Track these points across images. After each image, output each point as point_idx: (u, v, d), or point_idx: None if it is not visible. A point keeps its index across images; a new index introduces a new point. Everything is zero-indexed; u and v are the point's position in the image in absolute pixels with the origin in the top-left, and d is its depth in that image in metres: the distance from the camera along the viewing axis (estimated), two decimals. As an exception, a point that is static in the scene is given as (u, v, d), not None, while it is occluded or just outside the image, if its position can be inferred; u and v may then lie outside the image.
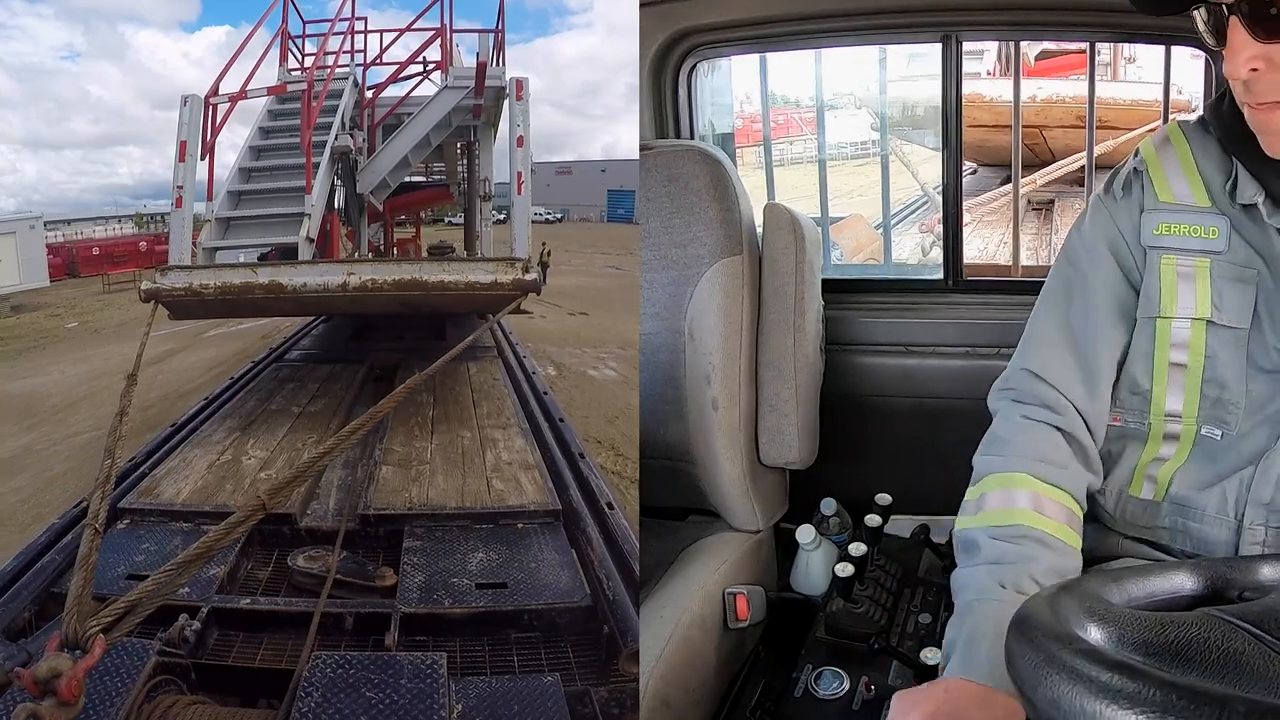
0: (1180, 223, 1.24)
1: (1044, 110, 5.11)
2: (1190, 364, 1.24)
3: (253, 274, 3.33)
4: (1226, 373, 1.22)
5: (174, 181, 3.66)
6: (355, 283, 3.30)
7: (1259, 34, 1.01)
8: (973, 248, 4.11)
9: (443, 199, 8.20)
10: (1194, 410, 1.25)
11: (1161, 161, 1.27)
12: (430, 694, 1.41)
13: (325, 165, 4.09)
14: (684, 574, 1.73)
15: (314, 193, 3.84)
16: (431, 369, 2.23)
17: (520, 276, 3.37)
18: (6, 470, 5.70)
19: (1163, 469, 1.29)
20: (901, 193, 3.05)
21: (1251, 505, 1.21)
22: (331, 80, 4.60)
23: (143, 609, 1.23)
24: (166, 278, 3.29)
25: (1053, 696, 0.64)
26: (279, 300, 3.40)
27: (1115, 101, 4.77)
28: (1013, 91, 2.18)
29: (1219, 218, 1.22)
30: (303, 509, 2.39)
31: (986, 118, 4.12)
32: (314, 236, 3.81)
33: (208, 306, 3.39)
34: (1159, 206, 1.26)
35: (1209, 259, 1.22)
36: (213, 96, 3.77)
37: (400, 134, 4.93)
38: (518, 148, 4.09)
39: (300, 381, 4.13)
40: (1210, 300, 1.22)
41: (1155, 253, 1.25)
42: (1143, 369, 1.27)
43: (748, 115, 2.43)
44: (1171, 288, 1.24)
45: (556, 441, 3.03)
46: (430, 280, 3.36)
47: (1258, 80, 1.04)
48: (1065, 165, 5.00)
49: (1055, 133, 5.22)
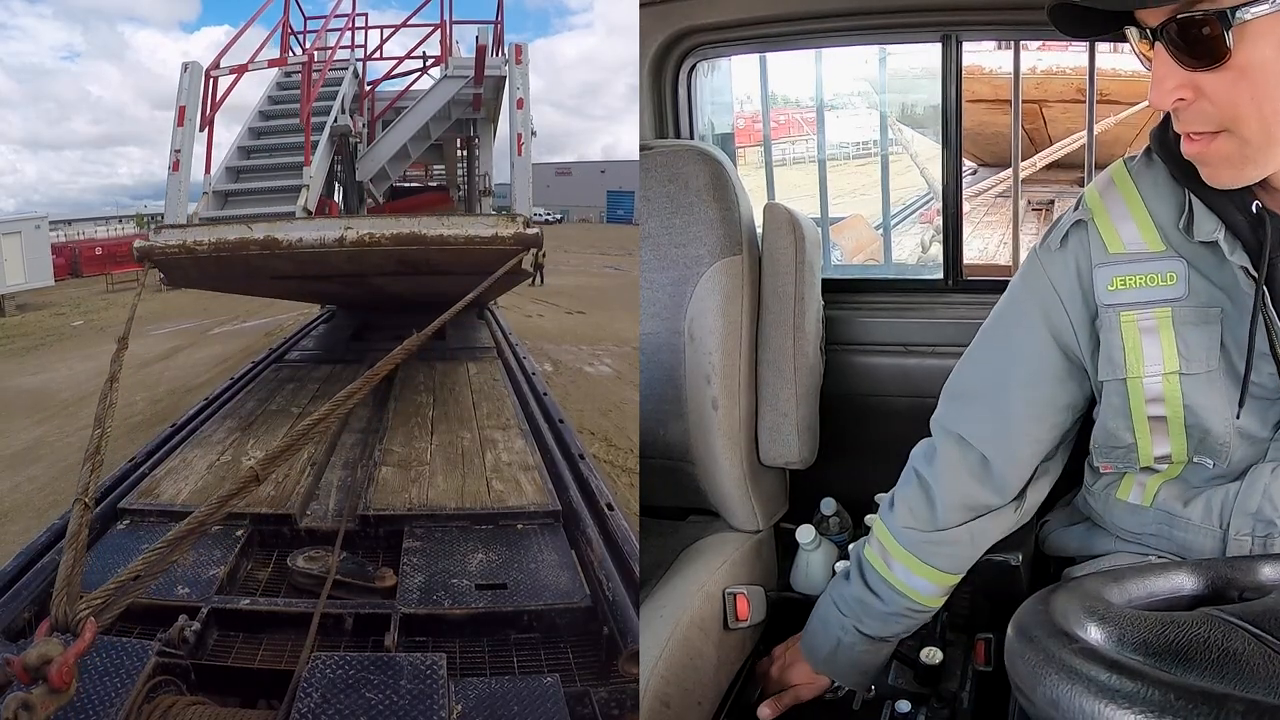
0: (1135, 273, 1.17)
1: (1043, 83, 5.01)
2: (1170, 415, 1.19)
3: (248, 230, 3.25)
4: (1207, 417, 1.17)
5: (171, 145, 3.63)
6: (353, 237, 3.23)
7: (1185, 62, 0.95)
8: (973, 248, 4.09)
9: (442, 203, 8.19)
10: (1183, 449, 1.21)
11: (1108, 208, 1.21)
12: (430, 695, 1.41)
13: (325, 143, 4.07)
14: (684, 574, 1.73)
15: (313, 165, 3.81)
16: (436, 324, 2.21)
17: (521, 230, 3.30)
18: (21, 460, 5.83)
19: (1151, 479, 1.29)
20: (902, 192, 3.04)
21: (1237, 514, 1.19)
22: (331, 64, 4.60)
23: (133, 590, 1.19)
24: (160, 235, 3.24)
25: (1052, 696, 0.64)
26: (275, 258, 3.30)
27: (1117, 74, 4.63)
28: (1013, 90, 2.18)
29: (1175, 261, 1.15)
30: (303, 509, 2.39)
31: (986, 91, 4.02)
32: (311, 209, 3.77)
33: (202, 266, 3.31)
34: (1109, 260, 1.19)
35: (1170, 307, 1.16)
36: (214, 69, 3.76)
37: (400, 122, 4.94)
38: (518, 109, 4.09)
39: (300, 381, 4.13)
40: (1176, 351, 1.16)
41: (1113, 310, 1.19)
42: (1123, 426, 1.23)
43: (749, 115, 2.43)
44: (1136, 346, 1.18)
45: (556, 442, 3.02)
46: (430, 234, 3.29)
47: (1185, 109, 0.99)
48: (1065, 145, 4.95)
49: (1055, 111, 5.11)
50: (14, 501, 4.97)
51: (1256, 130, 0.96)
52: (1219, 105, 0.96)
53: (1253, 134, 0.97)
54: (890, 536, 1.41)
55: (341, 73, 4.74)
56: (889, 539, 1.42)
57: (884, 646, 1.47)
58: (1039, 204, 5.31)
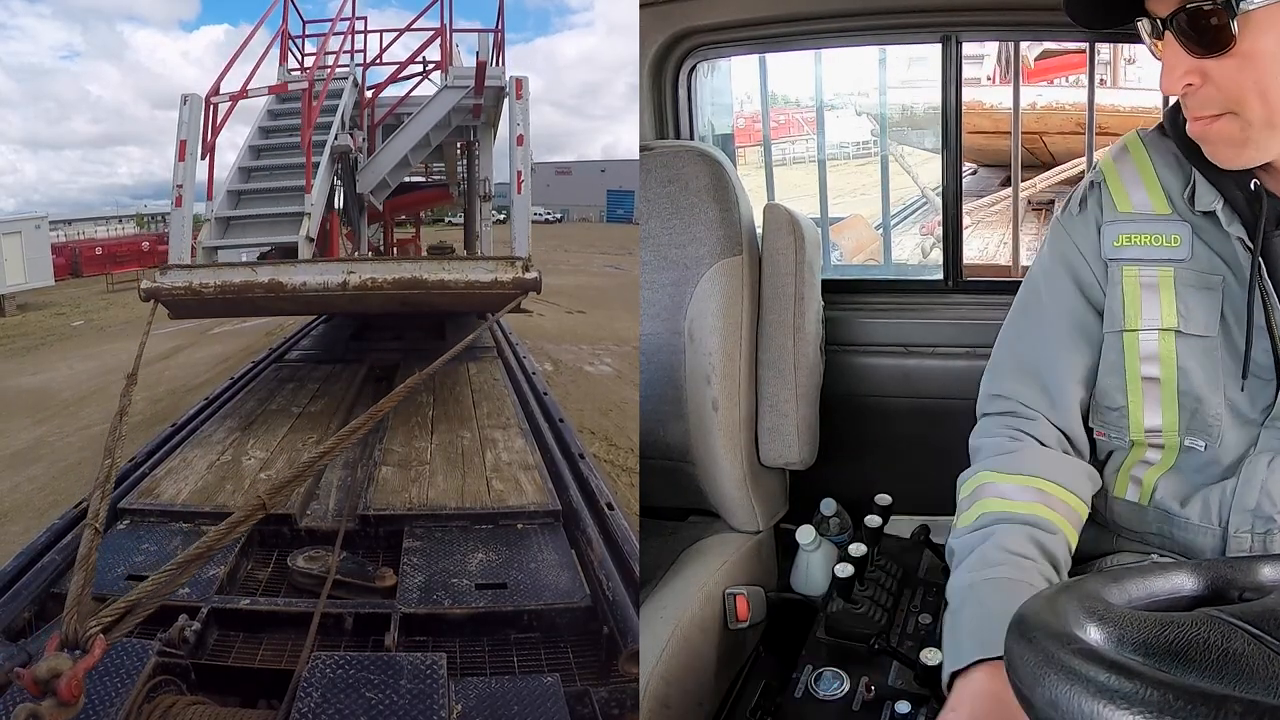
0: (1141, 232, 1.22)
1: (1044, 117, 5.10)
2: (1164, 377, 1.22)
3: (252, 273, 3.34)
4: (1200, 385, 1.19)
5: (174, 181, 3.67)
6: (355, 282, 3.31)
7: (1193, 50, 1.01)
8: (972, 248, 4.11)
9: (442, 200, 8.20)
10: (1174, 424, 1.23)
11: (1120, 171, 1.25)
12: (430, 694, 1.41)
13: (325, 165, 4.09)
14: (684, 574, 1.73)
15: (314, 192, 3.84)
16: (431, 368, 2.23)
17: (520, 275, 3.37)
18: (22, 460, 5.84)
19: (1147, 473, 1.29)
20: (902, 192, 3.05)
21: (1236, 512, 1.20)
22: (331, 80, 4.61)
23: (142, 609, 1.23)
24: (166, 277, 3.30)
25: (1051, 697, 0.64)
26: (278, 299, 3.40)
27: (1116, 109, 4.75)
28: (1012, 92, 2.18)
29: (1180, 225, 1.20)
30: (303, 509, 2.39)
31: (987, 124, 4.10)
32: (314, 236, 3.82)
33: (207, 306, 3.39)
34: (1118, 218, 1.24)
35: (1172, 268, 1.20)
36: (213, 96, 3.78)
37: (400, 133, 4.93)
38: (518, 147, 4.10)
39: (300, 381, 4.13)
40: (1176, 309, 1.20)
41: (1116, 265, 1.24)
42: (1116, 384, 1.26)
43: (749, 115, 2.43)
44: (1135, 299, 1.22)
45: (556, 442, 3.03)
46: (430, 279, 3.36)
47: (1193, 95, 1.05)
48: (1064, 170, 5.00)
49: (1055, 138, 5.21)
50: (14, 501, 4.98)
51: (1259, 114, 1.03)
52: (1224, 90, 1.03)
53: (1255, 117, 1.03)
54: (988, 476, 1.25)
55: (341, 83, 4.74)
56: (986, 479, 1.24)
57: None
58: (1039, 204, 5.33)
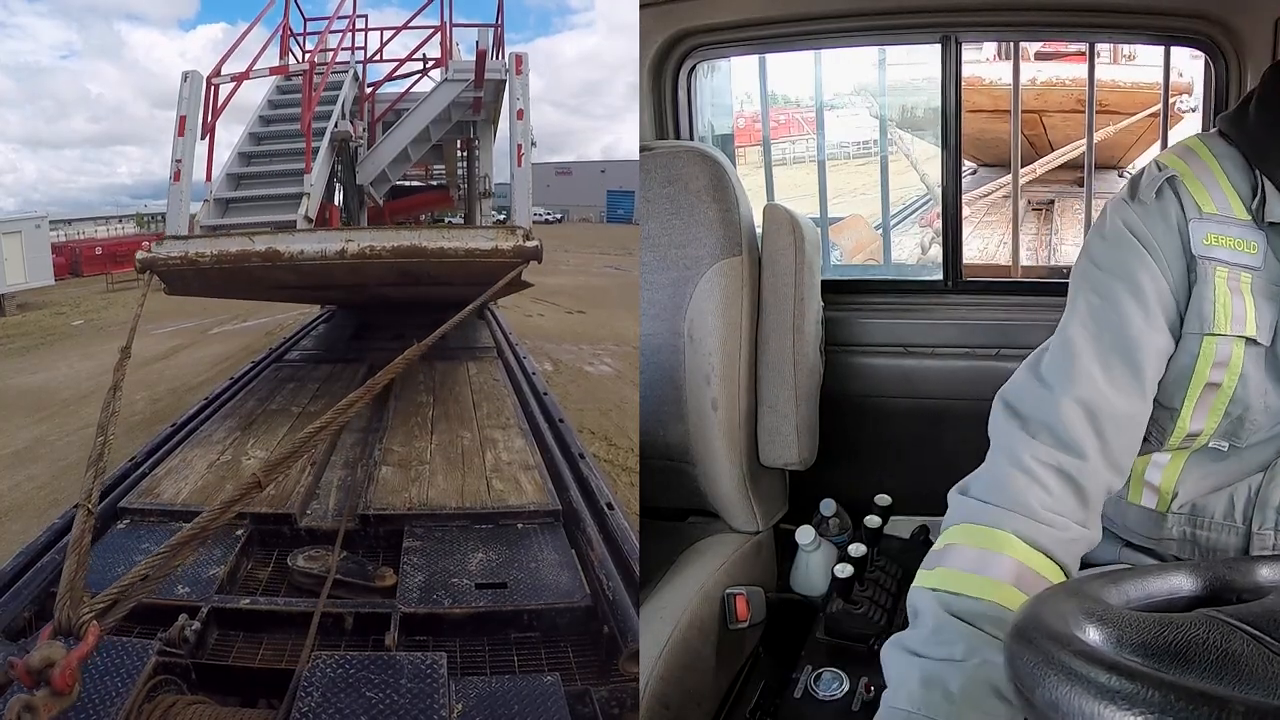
0: (1226, 235, 1.17)
1: (1043, 94, 5.03)
2: (1225, 383, 1.18)
3: (249, 241, 3.25)
4: (1252, 393, 1.18)
5: (172, 155, 3.64)
6: (353, 250, 3.23)
7: None
8: (972, 248, 4.09)
9: (442, 203, 8.19)
10: (1213, 428, 1.21)
11: (1194, 171, 1.20)
12: (430, 694, 1.41)
13: (325, 150, 4.08)
14: (684, 575, 1.73)
15: (313, 172, 3.82)
16: (433, 337, 2.20)
17: (521, 243, 3.30)
18: (22, 459, 5.84)
19: (1162, 476, 1.28)
20: (902, 192, 3.05)
21: (1260, 509, 1.20)
22: (332, 70, 4.61)
23: (135, 594, 1.20)
24: (162, 247, 3.24)
25: (1051, 698, 0.64)
26: (276, 269, 3.30)
27: (1116, 85, 4.67)
28: (1012, 91, 2.18)
29: (1256, 231, 1.17)
30: (302, 509, 2.39)
31: (985, 102, 4.04)
32: (312, 217, 3.78)
33: (204, 277, 3.30)
34: (1204, 216, 1.17)
35: (1250, 275, 1.17)
36: (215, 77, 3.77)
37: (400, 126, 4.95)
38: (518, 120, 4.09)
39: (300, 381, 4.12)
40: (1253, 318, 1.17)
41: (1209, 264, 1.17)
42: (1179, 385, 1.19)
43: (749, 115, 2.43)
44: (1226, 303, 1.17)
45: (556, 442, 3.02)
46: (430, 247, 3.29)
47: None
48: (1066, 152, 4.96)
49: (1055, 120, 5.14)
50: (14, 501, 4.97)
51: None
52: None
53: None
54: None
55: (342, 76, 4.74)
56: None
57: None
58: (1039, 204, 5.31)
